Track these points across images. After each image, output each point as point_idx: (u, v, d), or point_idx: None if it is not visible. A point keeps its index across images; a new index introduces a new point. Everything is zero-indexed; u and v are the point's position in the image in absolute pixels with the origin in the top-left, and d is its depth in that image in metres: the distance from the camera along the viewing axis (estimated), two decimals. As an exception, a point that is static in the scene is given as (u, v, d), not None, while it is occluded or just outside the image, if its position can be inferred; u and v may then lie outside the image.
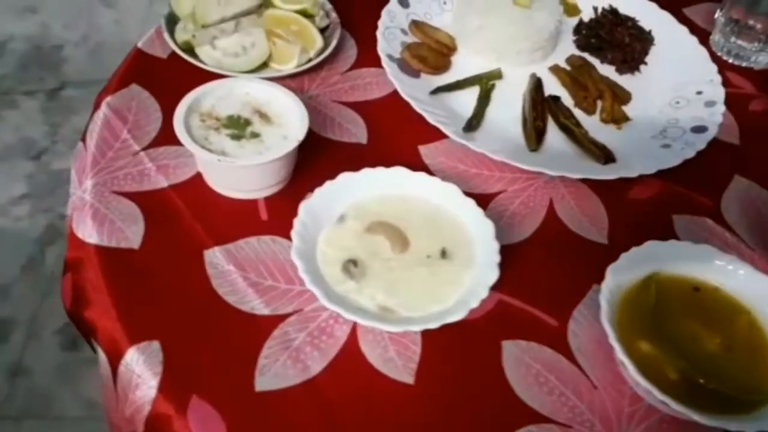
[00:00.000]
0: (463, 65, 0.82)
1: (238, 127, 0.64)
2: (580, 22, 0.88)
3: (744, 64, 0.87)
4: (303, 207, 0.56)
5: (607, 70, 0.83)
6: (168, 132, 0.70)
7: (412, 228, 0.57)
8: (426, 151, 0.73)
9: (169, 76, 0.76)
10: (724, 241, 0.68)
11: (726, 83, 0.81)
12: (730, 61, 0.87)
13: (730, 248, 0.67)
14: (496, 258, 0.54)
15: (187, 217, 0.64)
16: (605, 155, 0.71)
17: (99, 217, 0.63)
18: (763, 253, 0.67)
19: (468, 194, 0.65)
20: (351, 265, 0.54)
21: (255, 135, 0.63)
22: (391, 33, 0.81)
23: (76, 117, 1.76)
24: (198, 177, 0.67)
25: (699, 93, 0.79)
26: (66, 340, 1.36)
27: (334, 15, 0.83)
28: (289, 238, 0.60)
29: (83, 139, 0.71)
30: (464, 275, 0.54)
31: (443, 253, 0.56)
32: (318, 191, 0.58)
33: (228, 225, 0.64)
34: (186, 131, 0.62)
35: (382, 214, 0.58)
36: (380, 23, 0.81)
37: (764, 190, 0.73)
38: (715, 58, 0.85)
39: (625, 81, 0.82)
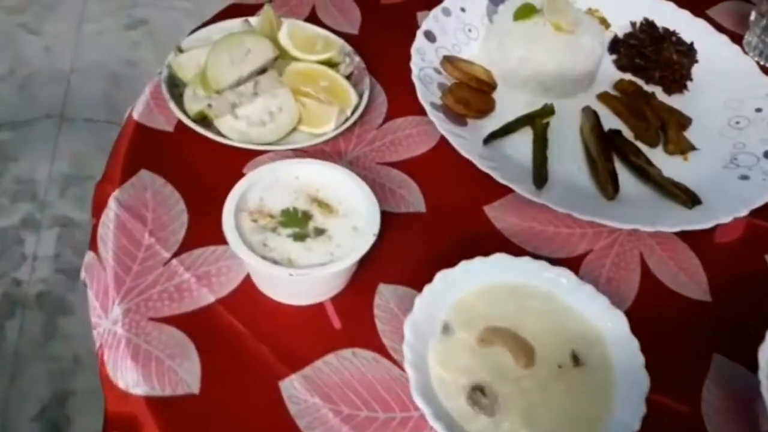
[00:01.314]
0: (506, 102, 0.73)
1: (298, 223, 0.53)
2: (616, 39, 0.81)
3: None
4: (408, 325, 0.47)
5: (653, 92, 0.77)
6: (199, 228, 0.59)
7: (530, 330, 0.49)
8: (493, 212, 0.65)
9: (183, 154, 0.65)
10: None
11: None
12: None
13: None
14: (640, 359, 0.47)
15: (248, 339, 0.53)
16: (690, 198, 0.64)
17: (141, 357, 0.51)
18: None
19: (554, 260, 0.58)
20: (479, 395, 0.45)
21: (320, 231, 0.53)
22: (425, 75, 0.72)
23: (16, 164, 1.57)
24: (247, 282, 0.56)
25: (758, 110, 0.74)
26: (47, 429, 1.21)
27: (357, 59, 0.73)
28: (371, 347, 0.52)
29: (93, 248, 0.59)
30: (607, 386, 0.47)
31: (575, 359, 0.48)
32: (418, 302, 0.49)
33: (299, 342, 0.53)
34: (241, 240, 0.51)
35: (491, 316, 0.50)
36: (413, 65, 0.71)
37: None
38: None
39: (674, 102, 0.77)
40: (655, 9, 0.83)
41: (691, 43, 0.79)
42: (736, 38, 0.84)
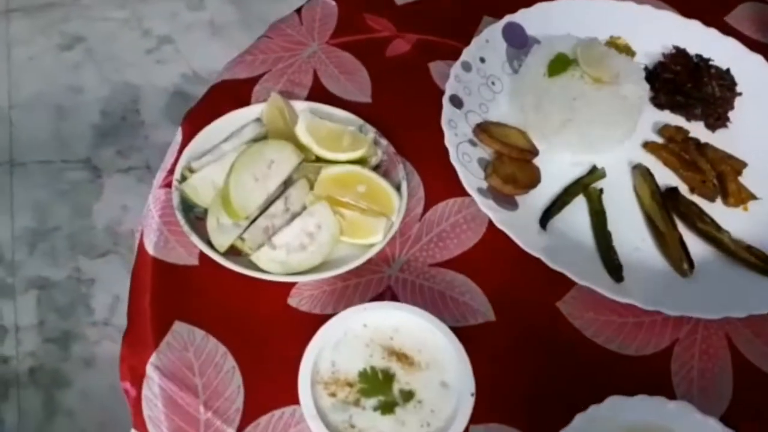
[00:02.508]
0: (550, 166, 0.67)
1: (381, 389, 0.47)
2: (649, 72, 0.75)
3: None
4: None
5: (695, 128, 0.72)
6: (257, 387, 0.53)
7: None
8: (567, 308, 0.60)
9: (217, 293, 0.57)
10: None
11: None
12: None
13: None
14: None
15: None
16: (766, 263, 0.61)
17: None
18: None
19: (643, 359, 0.54)
20: None
21: (408, 395, 0.47)
22: (463, 153, 0.65)
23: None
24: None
25: (810, 144, 0.70)
26: None
27: (385, 143, 0.65)
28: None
29: (140, 429, 0.52)
30: None
31: None
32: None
33: None
34: (324, 425, 0.45)
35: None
36: (448, 144, 0.64)
37: None
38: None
39: (719, 138, 0.72)
40: (681, 30, 0.77)
41: (728, 70, 0.74)
42: (760, 47, 0.80)
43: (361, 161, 0.62)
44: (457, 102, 0.68)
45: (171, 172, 0.63)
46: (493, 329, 0.58)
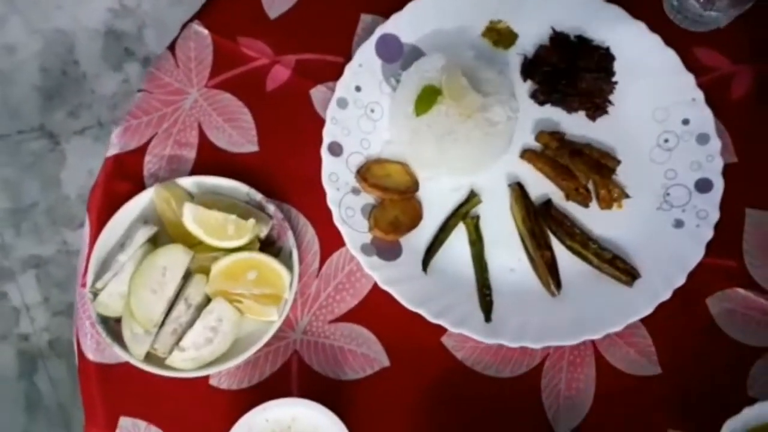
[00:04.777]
0: (431, 194, 0.71)
1: (286, 474, 0.58)
2: (527, 62, 0.74)
3: (707, 29, 0.76)
4: None
5: (578, 120, 0.73)
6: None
7: None
8: (451, 341, 0.67)
9: (151, 386, 0.66)
10: (758, 308, 0.68)
11: (700, 70, 0.73)
12: (692, 29, 0.76)
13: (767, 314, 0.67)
14: None
15: None
16: (630, 275, 0.66)
17: None
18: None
19: (516, 379, 0.64)
20: None
21: (308, 476, 0.58)
22: (346, 209, 0.68)
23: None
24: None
25: (686, 122, 0.70)
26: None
27: (272, 209, 0.68)
28: None
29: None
30: None
31: None
32: None
33: None
34: None
35: None
36: (331, 203, 0.68)
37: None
38: (674, 34, 0.74)
39: (600, 126, 0.73)
40: (561, 1, 0.74)
41: (608, 49, 0.72)
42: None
43: (250, 243, 0.66)
44: (336, 149, 0.70)
45: (86, 270, 0.69)
46: (388, 375, 0.67)
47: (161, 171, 0.73)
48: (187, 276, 0.66)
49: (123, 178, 0.73)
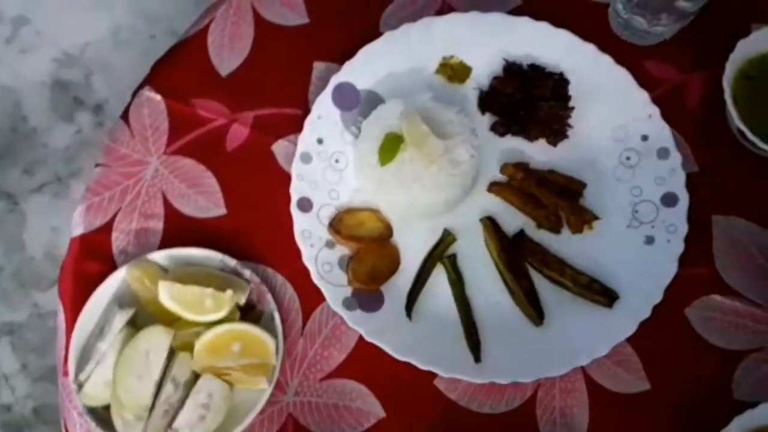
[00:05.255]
0: (407, 239, 0.71)
1: None
2: (483, 95, 0.74)
3: (654, 42, 0.77)
4: None
5: (540, 147, 0.73)
6: None
7: None
8: (443, 383, 0.67)
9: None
10: (735, 312, 0.69)
11: (652, 84, 0.74)
12: (639, 44, 0.77)
13: (744, 317, 0.69)
14: None
15: None
16: (608, 297, 0.67)
17: None
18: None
19: (511, 413, 0.64)
20: None
21: None
22: (323, 264, 0.68)
23: None
24: None
25: (645, 138, 0.72)
26: None
27: (247, 273, 0.68)
28: None
29: None
30: None
31: None
32: None
33: None
34: None
35: None
36: (306, 261, 0.67)
37: (749, 222, 0.72)
38: (624, 50, 0.75)
39: (562, 150, 0.73)
40: (510, 30, 0.75)
41: (561, 74, 0.73)
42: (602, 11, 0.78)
43: (230, 314, 0.66)
44: (305, 205, 0.70)
45: (66, 359, 0.67)
46: (385, 426, 0.67)
47: (130, 246, 0.72)
48: (171, 354, 0.65)
49: (91, 258, 0.71)
